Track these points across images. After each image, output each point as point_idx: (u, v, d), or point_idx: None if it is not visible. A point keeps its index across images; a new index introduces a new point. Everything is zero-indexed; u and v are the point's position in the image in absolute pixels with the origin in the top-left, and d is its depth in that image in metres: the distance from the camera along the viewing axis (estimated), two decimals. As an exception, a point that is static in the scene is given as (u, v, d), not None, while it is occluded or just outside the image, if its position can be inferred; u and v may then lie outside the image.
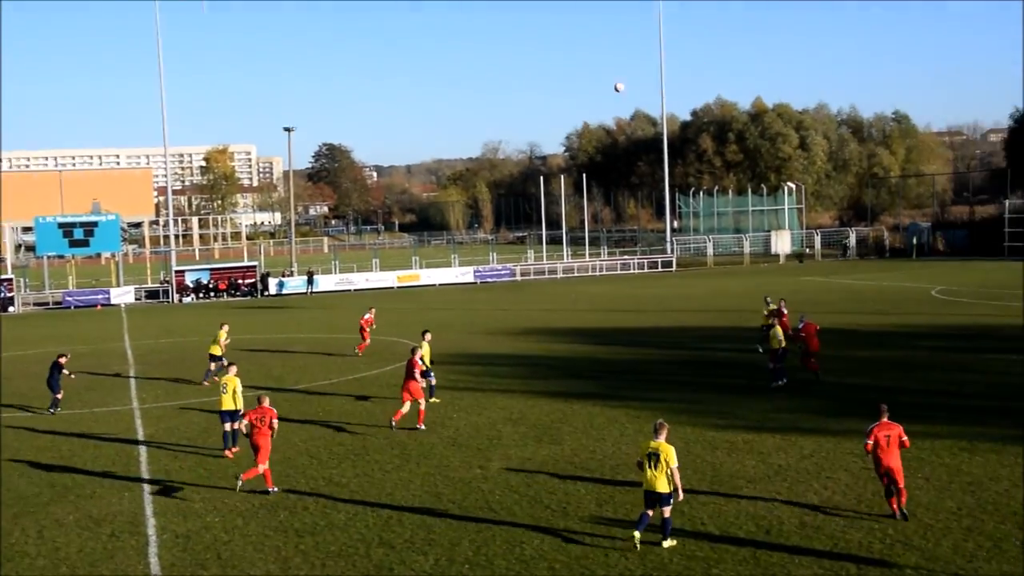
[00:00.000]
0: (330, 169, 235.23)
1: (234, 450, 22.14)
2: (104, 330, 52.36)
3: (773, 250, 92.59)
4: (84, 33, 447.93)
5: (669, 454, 15.15)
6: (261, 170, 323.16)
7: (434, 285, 76.10)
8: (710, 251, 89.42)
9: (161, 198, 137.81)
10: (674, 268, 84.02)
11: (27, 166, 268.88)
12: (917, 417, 22.96)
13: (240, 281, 74.38)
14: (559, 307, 54.17)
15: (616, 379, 29.59)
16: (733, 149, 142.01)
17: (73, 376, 29.80)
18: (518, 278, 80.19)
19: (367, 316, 38.89)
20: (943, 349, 33.56)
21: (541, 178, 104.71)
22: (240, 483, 18.79)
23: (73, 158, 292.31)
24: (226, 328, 33.83)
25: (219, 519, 17.38)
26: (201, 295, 72.59)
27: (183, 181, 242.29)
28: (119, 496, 19.15)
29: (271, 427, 19.10)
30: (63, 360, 28.63)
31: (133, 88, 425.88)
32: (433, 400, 26.55)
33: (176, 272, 73.81)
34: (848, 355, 31.92)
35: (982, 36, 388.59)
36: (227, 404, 22.29)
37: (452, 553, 15.27)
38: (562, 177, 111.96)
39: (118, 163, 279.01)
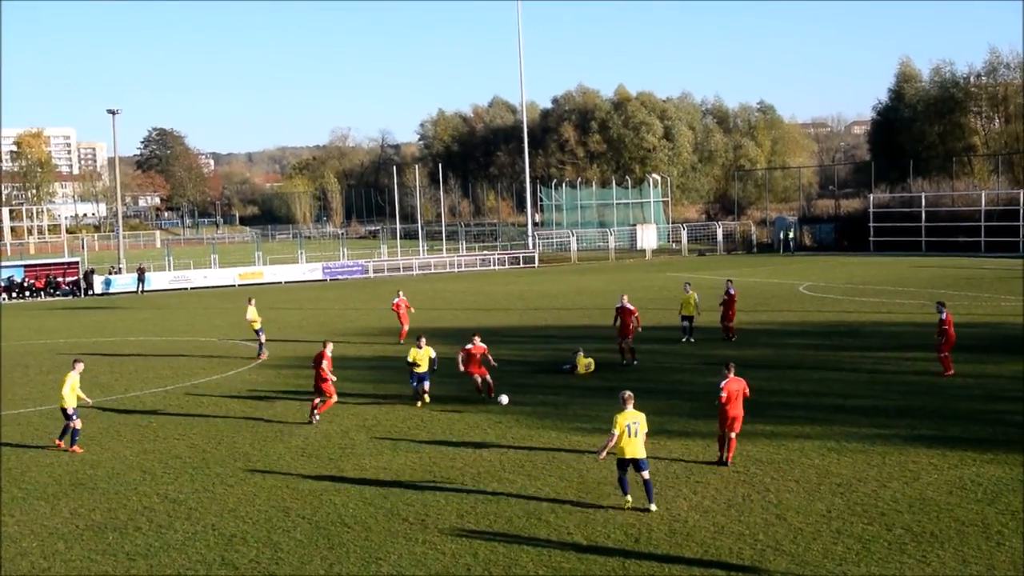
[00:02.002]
0: (161, 156, 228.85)
1: (73, 449, 22.86)
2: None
3: (639, 245, 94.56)
4: None
5: (644, 421, 17.48)
6: (82, 157, 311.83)
7: (280, 283, 74.89)
8: (574, 246, 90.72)
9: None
10: (536, 264, 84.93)
11: None
12: (786, 417, 23.93)
13: (60, 279, 71.61)
14: (415, 306, 54.04)
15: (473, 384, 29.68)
16: (596, 139, 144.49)
17: None
18: (371, 275, 79.67)
19: (397, 300, 39.70)
20: (811, 347, 34.91)
21: (394, 168, 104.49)
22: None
23: None
24: (254, 302, 37.25)
25: (37, 544, 16.69)
26: (15, 295, 69.57)
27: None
28: (-78, 521, 18.20)
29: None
30: None
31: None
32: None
33: (-15, 269, 70.50)
34: (716, 354, 32.83)
35: (845, 27, 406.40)
36: (68, 401, 23.04)
37: (302, 572, 15.06)
38: (417, 167, 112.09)
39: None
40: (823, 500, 17.67)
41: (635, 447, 17.23)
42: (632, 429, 17.23)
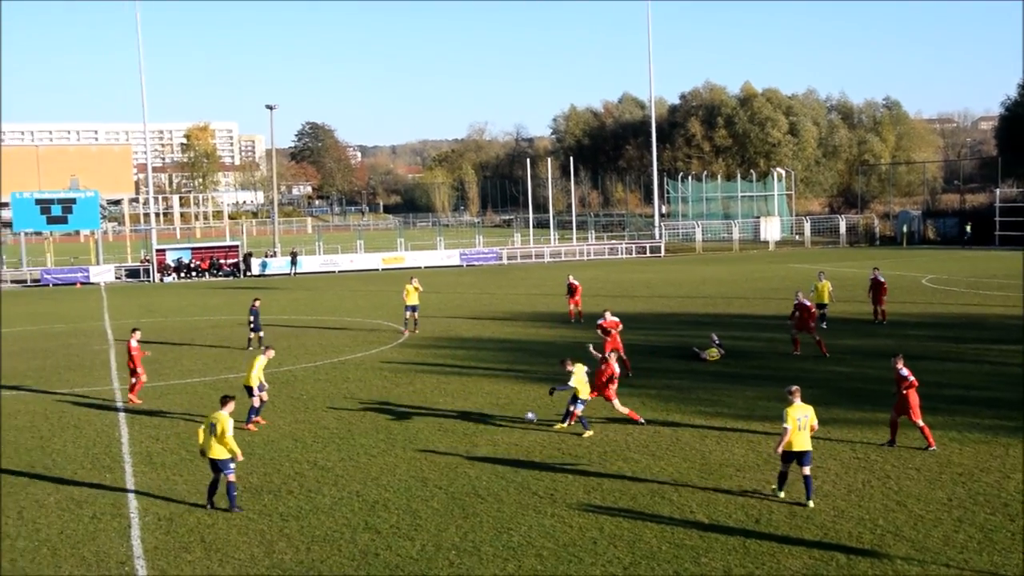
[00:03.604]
0: (313, 148, 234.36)
1: (258, 421, 23.20)
2: (84, 309, 52.13)
3: (762, 237, 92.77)
4: (62, 6, 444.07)
5: (813, 414, 16.78)
6: (243, 148, 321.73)
7: (419, 268, 75.98)
8: (699, 237, 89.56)
9: (141, 175, 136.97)
10: (662, 254, 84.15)
11: (1, 140, 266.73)
12: (907, 407, 23.12)
13: (222, 261, 74.13)
14: (546, 291, 54.22)
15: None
16: (722, 134, 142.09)
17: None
18: (504, 262, 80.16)
19: (572, 280, 40.71)
20: (934, 338, 33.72)
21: (528, 160, 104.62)
22: None
23: (50, 132, 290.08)
24: (415, 281, 38.71)
25: (203, 501, 17.33)
26: (182, 275, 72.33)
27: (163, 159, 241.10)
28: (100, 477, 19.10)
29: None
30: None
31: (112, 62, 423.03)
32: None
33: (157, 251, 73.57)
34: (838, 343, 32.02)
35: (974, 23, 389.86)
36: (253, 380, 23.16)
37: (439, 539, 15.28)
38: (549, 160, 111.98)
39: (96, 139, 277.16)
40: (944, 488, 17.07)
41: (803, 440, 16.50)
42: (802, 423, 16.52)
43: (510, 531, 15.54)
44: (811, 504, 16.28)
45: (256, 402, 23.09)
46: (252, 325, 34.95)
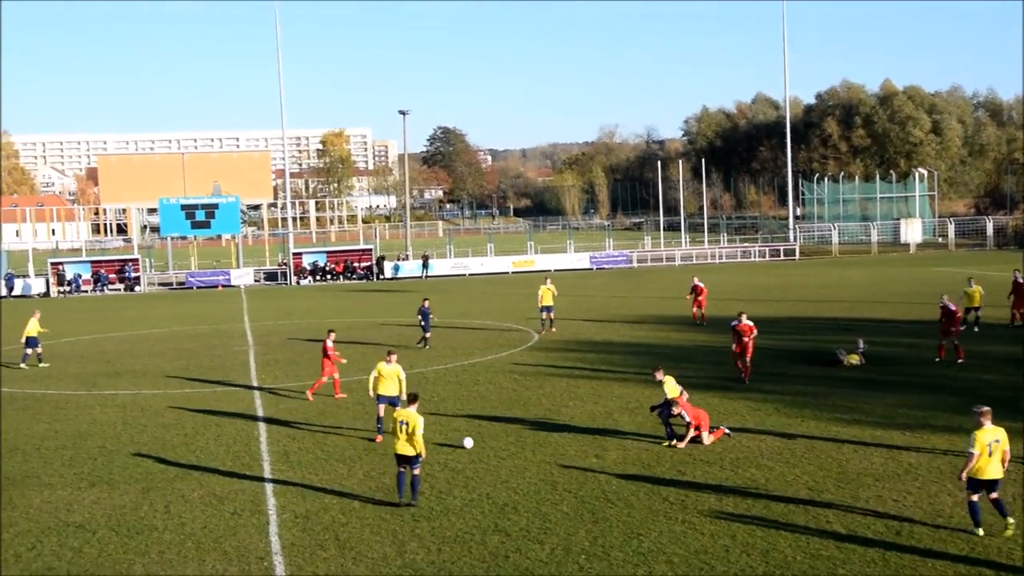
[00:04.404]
0: (445, 153, 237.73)
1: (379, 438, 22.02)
2: (225, 311, 54.04)
3: (902, 239, 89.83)
4: (205, 19, 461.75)
5: (1005, 438, 14.98)
6: (376, 153, 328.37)
7: (549, 271, 76.14)
8: (835, 239, 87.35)
9: (279, 181, 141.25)
10: (797, 256, 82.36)
11: (151, 148, 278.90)
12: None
13: (356, 264, 75.81)
14: (676, 294, 53.68)
15: (734, 369, 29.08)
16: (860, 134, 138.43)
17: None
18: (634, 264, 79.74)
19: (698, 282, 40.76)
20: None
21: (659, 163, 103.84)
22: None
23: (195, 140, 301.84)
24: (550, 282, 39.57)
25: (337, 500, 17.76)
26: (318, 278, 74.24)
27: (300, 164, 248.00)
28: (241, 474, 19.76)
29: None
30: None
31: (252, 72, 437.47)
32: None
33: (294, 255, 75.68)
34: (983, 350, 30.78)
35: None
36: (389, 389, 22.17)
37: (568, 543, 15.29)
38: (680, 162, 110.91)
39: (237, 146, 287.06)
40: (1101, 505, 16.20)
41: (994, 468, 14.81)
42: (992, 448, 14.78)
43: (640, 537, 15.44)
44: (1011, 520, 14.89)
45: (381, 412, 22.27)
46: (423, 324, 35.83)
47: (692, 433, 20.83)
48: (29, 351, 34.78)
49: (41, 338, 35.25)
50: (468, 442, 21.25)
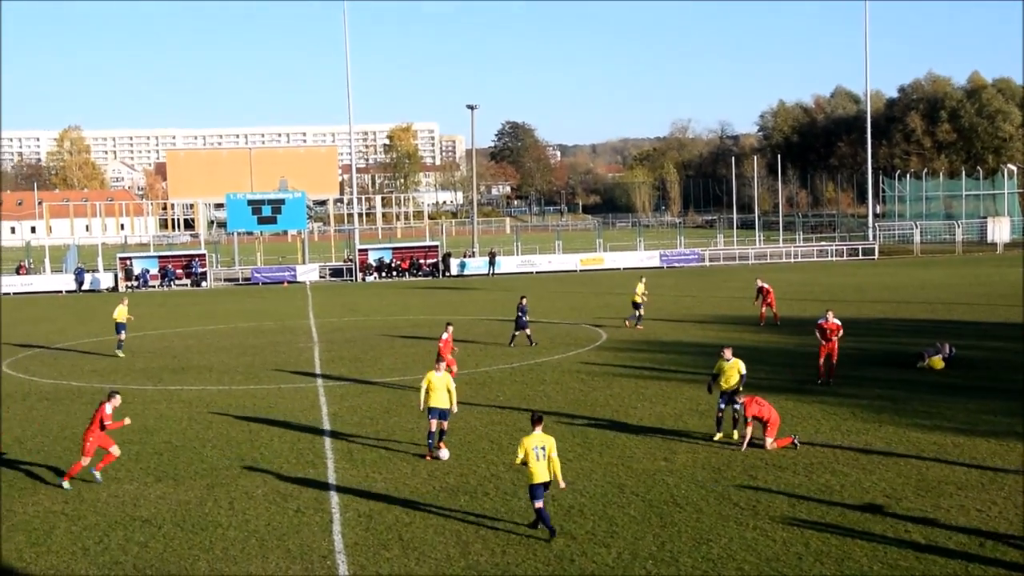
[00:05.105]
0: (513, 148, 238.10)
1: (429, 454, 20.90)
2: (290, 307, 54.76)
3: (989, 238, 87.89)
4: (274, 15, 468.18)
5: None
6: (444, 149, 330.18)
7: (618, 269, 75.92)
8: (917, 238, 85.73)
9: (345, 176, 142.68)
10: (876, 256, 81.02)
11: (219, 143, 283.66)
12: None
13: (422, 261, 76.28)
14: (749, 294, 53.16)
15: (808, 372, 28.69)
16: (945, 128, 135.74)
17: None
18: (706, 263, 79.12)
19: (762, 283, 41.21)
20: None
21: (732, 159, 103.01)
22: None
23: (262, 135, 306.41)
24: (644, 280, 42.24)
25: (400, 500, 17.90)
26: (383, 274, 74.85)
27: (367, 159, 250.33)
28: (304, 471, 20.02)
29: None
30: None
31: (319, 67, 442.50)
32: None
33: (359, 251, 76.37)
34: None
35: None
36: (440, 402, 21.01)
37: (635, 547, 15.23)
38: (755, 158, 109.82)
39: (304, 141, 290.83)
40: None
41: None
42: None
43: (710, 542, 15.32)
44: None
45: (432, 426, 20.98)
46: (520, 321, 36.28)
47: (748, 432, 20.68)
48: (122, 336, 36.93)
49: (124, 327, 36.98)
50: (444, 454, 20.50)
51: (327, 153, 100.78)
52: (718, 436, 21.61)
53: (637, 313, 40.51)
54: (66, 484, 19.24)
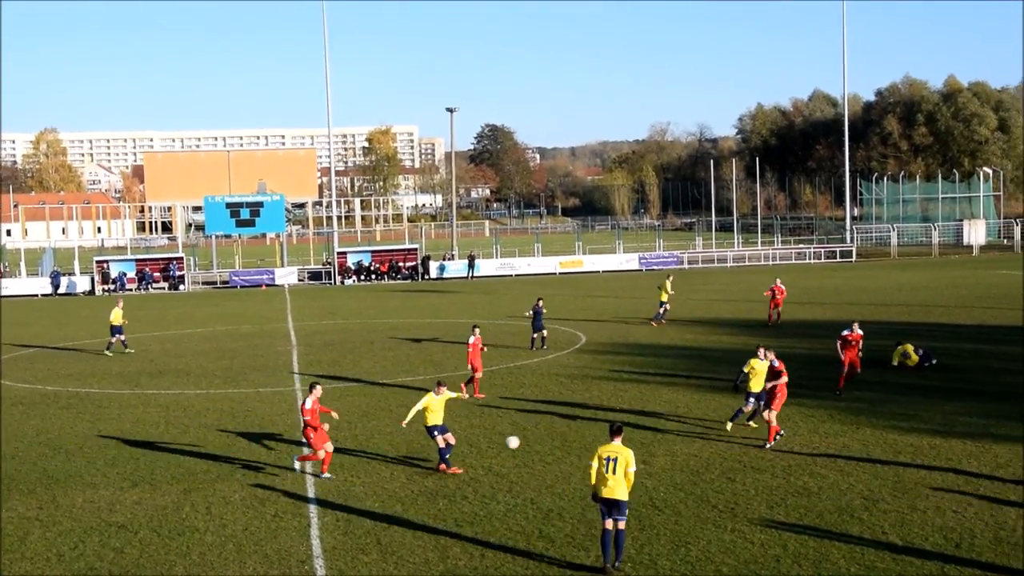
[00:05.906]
0: (492, 151, 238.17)
1: (445, 468, 19.96)
2: (268, 310, 54.55)
3: (965, 241, 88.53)
4: (252, 17, 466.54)
5: None
6: (423, 151, 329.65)
7: (598, 271, 76.02)
8: (894, 241, 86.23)
9: (324, 179, 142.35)
10: (854, 258, 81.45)
11: (197, 146, 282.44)
12: None
13: (401, 264, 76.14)
14: (728, 297, 53.36)
15: (788, 374, 28.77)
16: (922, 132, 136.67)
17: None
18: (685, 266, 79.30)
19: (780, 284, 41.32)
20: None
21: (711, 162, 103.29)
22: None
23: (240, 138, 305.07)
24: (672, 279, 43.28)
25: (379, 504, 17.85)
26: (362, 277, 74.67)
27: (346, 162, 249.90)
28: (282, 476, 19.93)
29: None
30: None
31: (298, 70, 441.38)
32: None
33: (338, 254, 76.19)
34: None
35: None
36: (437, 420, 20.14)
37: (614, 550, 15.22)
38: (733, 161, 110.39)
39: (283, 144, 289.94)
40: None
41: None
42: None
43: (688, 545, 15.36)
44: None
45: (440, 443, 20.04)
46: (535, 323, 36.14)
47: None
48: (114, 339, 37.49)
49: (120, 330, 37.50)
50: (513, 441, 19.48)
51: (306, 156, 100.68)
52: (729, 426, 22.43)
53: (660, 311, 41.54)
54: (326, 474, 19.62)
